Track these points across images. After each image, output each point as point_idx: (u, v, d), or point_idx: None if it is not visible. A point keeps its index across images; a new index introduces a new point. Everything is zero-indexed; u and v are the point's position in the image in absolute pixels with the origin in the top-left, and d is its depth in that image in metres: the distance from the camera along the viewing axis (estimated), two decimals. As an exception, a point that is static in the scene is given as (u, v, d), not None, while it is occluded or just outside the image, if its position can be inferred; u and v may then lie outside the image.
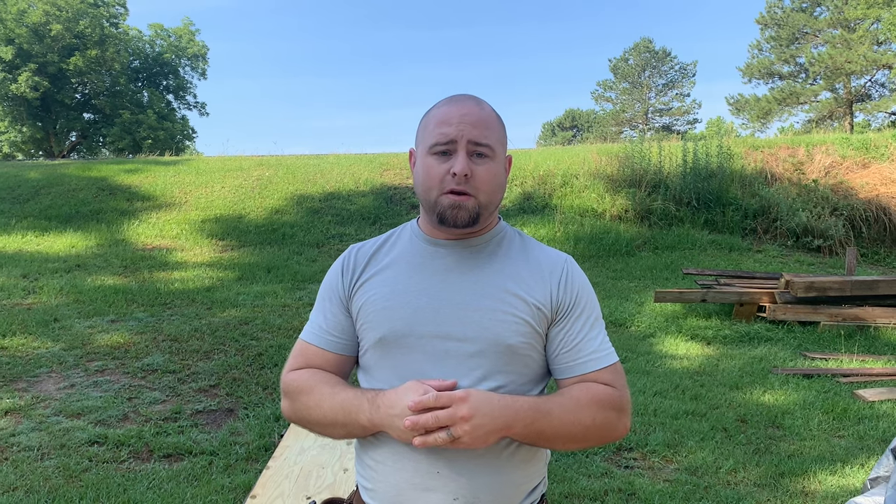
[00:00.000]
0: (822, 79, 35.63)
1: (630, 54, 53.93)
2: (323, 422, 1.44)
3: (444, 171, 1.40)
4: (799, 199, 12.94)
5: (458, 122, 1.40)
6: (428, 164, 1.42)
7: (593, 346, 1.47)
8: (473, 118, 1.41)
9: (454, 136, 1.39)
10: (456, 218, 1.40)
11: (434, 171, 1.41)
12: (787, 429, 4.94)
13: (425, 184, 1.43)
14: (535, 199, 13.73)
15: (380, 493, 1.43)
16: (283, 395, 1.51)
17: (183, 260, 10.88)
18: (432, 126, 1.43)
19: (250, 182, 14.98)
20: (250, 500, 2.85)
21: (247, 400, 5.33)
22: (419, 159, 1.46)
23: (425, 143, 1.44)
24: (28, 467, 4.07)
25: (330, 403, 1.42)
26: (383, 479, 1.42)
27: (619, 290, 9.54)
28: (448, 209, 1.40)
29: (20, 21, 31.15)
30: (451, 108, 1.43)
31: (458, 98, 1.46)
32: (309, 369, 1.50)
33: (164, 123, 35.51)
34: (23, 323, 6.99)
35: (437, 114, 1.44)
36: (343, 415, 1.40)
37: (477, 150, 1.40)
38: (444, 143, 1.40)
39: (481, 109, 1.44)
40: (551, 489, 3.90)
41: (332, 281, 1.54)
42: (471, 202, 1.40)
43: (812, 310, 7.80)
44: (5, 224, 12.50)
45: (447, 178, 1.39)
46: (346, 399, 1.40)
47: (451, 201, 1.39)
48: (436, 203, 1.41)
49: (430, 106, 1.51)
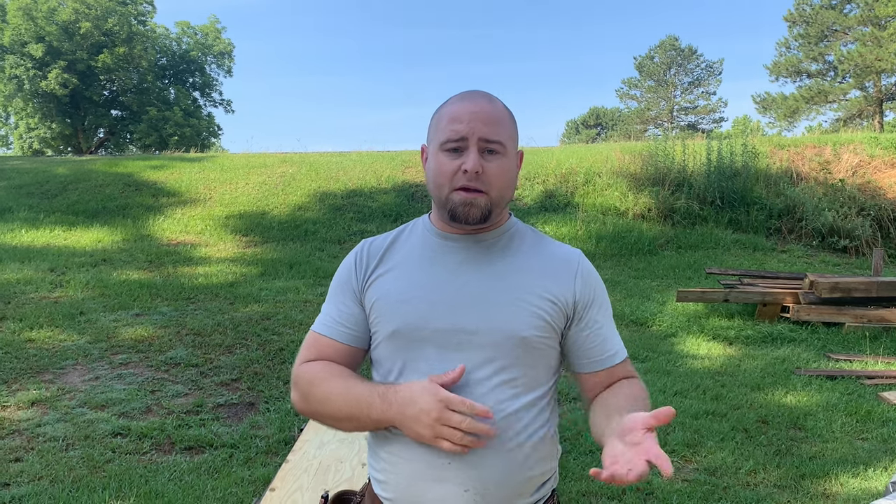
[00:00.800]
0: (851, 77, 35.10)
1: (655, 52, 53.51)
2: (335, 415, 1.44)
3: (456, 167, 1.40)
4: (825, 198, 12.77)
5: (470, 119, 1.40)
6: (440, 160, 1.43)
7: (616, 340, 1.54)
8: (485, 115, 1.41)
9: (465, 133, 1.40)
10: (468, 215, 1.41)
11: (445, 167, 1.41)
12: (809, 430, 4.89)
13: (437, 180, 1.44)
14: (557, 198, 13.68)
15: (392, 484, 1.44)
16: (293, 386, 1.51)
17: (207, 255, 10.99)
18: (444, 123, 1.43)
19: (274, 179, 15.09)
20: (269, 493, 2.88)
21: (267, 394, 5.38)
22: (431, 156, 1.47)
23: (437, 139, 1.44)
24: (53, 457, 4.15)
25: (341, 396, 1.42)
26: (395, 470, 1.43)
27: (641, 290, 9.48)
28: (460, 206, 1.41)
29: (50, 19, 31.63)
30: (462, 105, 1.43)
31: (469, 94, 1.47)
32: (321, 361, 1.50)
33: (190, 120, 35.87)
34: (50, 316, 7.11)
35: (448, 110, 1.45)
36: (354, 409, 1.41)
37: (488, 147, 1.41)
38: (455, 140, 1.40)
39: (492, 106, 1.44)
40: (568, 487, 3.90)
41: (346, 274, 1.56)
42: (482, 199, 1.41)
43: (837, 311, 7.70)
44: (34, 219, 12.71)
45: (459, 174, 1.40)
46: (357, 393, 1.41)
47: (463, 198, 1.40)
48: (447, 200, 1.42)
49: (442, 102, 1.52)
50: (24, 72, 31.90)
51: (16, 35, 31.54)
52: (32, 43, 31.50)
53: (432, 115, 1.51)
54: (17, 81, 32.49)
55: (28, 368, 5.70)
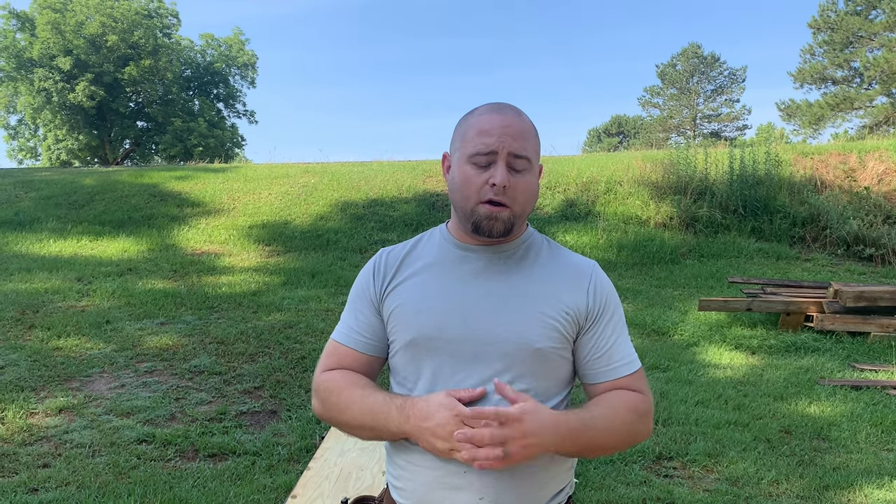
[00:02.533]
0: (877, 83, 34.71)
1: (678, 60, 53.28)
2: (352, 423, 1.48)
3: (483, 181, 1.42)
4: (850, 206, 12.62)
5: (500, 134, 1.42)
6: (467, 172, 1.44)
7: (623, 352, 1.52)
8: (514, 130, 1.43)
9: (495, 147, 1.41)
10: (491, 228, 1.43)
11: (473, 180, 1.43)
12: (833, 441, 4.84)
13: (463, 192, 1.45)
14: (578, 206, 13.66)
15: (408, 491, 1.47)
16: (314, 394, 1.55)
17: (230, 265, 11.11)
18: (472, 134, 1.45)
19: (296, 189, 15.22)
20: (291, 501, 2.92)
21: (290, 402, 5.43)
22: (457, 166, 1.47)
23: (464, 150, 1.45)
24: (80, 463, 4.22)
25: (359, 406, 1.45)
26: (412, 478, 1.46)
27: (663, 299, 9.44)
28: (485, 219, 1.43)
29: (78, 33, 32.21)
30: (492, 118, 1.44)
31: (498, 107, 1.48)
32: (340, 370, 1.53)
33: (214, 131, 36.28)
34: (77, 324, 7.23)
35: (477, 122, 1.46)
36: (371, 419, 1.44)
37: (516, 164, 1.43)
38: (484, 154, 1.42)
39: (521, 121, 1.46)
40: (588, 496, 3.90)
41: (364, 283, 1.58)
42: (506, 213, 1.43)
43: (862, 320, 7.61)
44: (62, 229, 12.93)
45: (486, 188, 1.42)
46: (374, 404, 1.43)
47: (489, 212, 1.42)
48: (472, 212, 1.44)
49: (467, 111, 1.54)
50: (52, 84, 32.49)
51: (44, 49, 32.16)
52: (60, 56, 32.10)
53: (458, 124, 1.52)
54: (45, 94, 33.09)
55: (56, 376, 5.81)
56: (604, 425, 1.42)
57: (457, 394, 1.37)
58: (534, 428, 1.33)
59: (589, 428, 1.41)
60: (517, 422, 1.31)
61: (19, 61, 32.96)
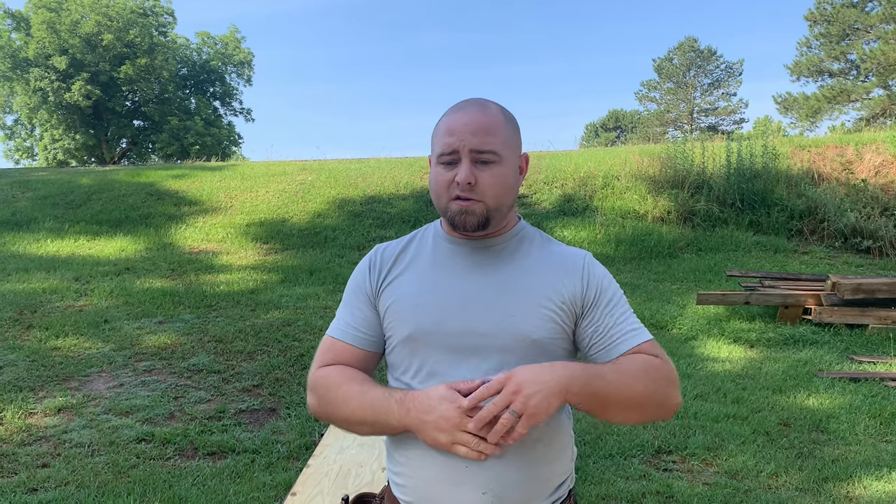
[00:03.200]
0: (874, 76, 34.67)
1: (674, 54, 53.24)
2: (350, 419, 1.47)
3: (450, 179, 1.45)
4: (847, 199, 12.63)
5: (461, 132, 1.43)
6: (437, 172, 1.48)
7: (627, 326, 1.50)
8: (475, 126, 1.44)
9: (456, 146, 1.43)
10: (465, 223, 1.45)
11: (441, 178, 1.46)
12: (831, 433, 4.84)
13: (435, 191, 1.49)
14: (576, 201, 13.66)
15: (410, 487, 1.47)
16: (310, 390, 1.54)
17: (228, 263, 11.10)
18: (440, 135, 1.48)
19: (293, 186, 15.20)
20: (291, 498, 2.92)
21: (289, 400, 5.43)
22: (431, 168, 1.52)
23: (434, 152, 1.50)
24: (79, 463, 4.22)
25: (358, 401, 1.45)
26: (413, 474, 1.46)
27: (661, 293, 9.44)
28: (457, 215, 1.45)
29: (73, 32, 32.14)
30: (455, 117, 1.47)
31: (462, 105, 1.50)
32: (337, 366, 1.53)
33: (211, 129, 36.24)
34: (75, 324, 7.23)
35: (444, 122, 1.48)
36: (371, 414, 1.43)
37: (480, 158, 1.44)
38: (448, 153, 1.44)
39: (485, 115, 1.46)
40: (588, 490, 3.90)
41: (360, 279, 1.59)
42: (478, 207, 1.44)
43: (860, 312, 7.62)
44: (59, 229, 12.91)
45: (453, 185, 1.44)
46: (374, 398, 1.43)
47: (459, 207, 1.44)
48: (446, 209, 1.47)
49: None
50: (48, 84, 32.42)
51: (40, 48, 32.08)
52: (56, 55, 32.02)
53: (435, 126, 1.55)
54: (41, 94, 33.02)
55: (54, 376, 5.80)
56: (614, 376, 1.39)
57: (456, 386, 1.37)
58: (528, 377, 1.31)
59: (596, 375, 1.37)
60: (508, 380, 1.31)
61: (15, 61, 32.87)
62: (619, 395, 1.39)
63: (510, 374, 1.32)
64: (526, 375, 1.32)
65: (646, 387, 1.41)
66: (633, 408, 1.43)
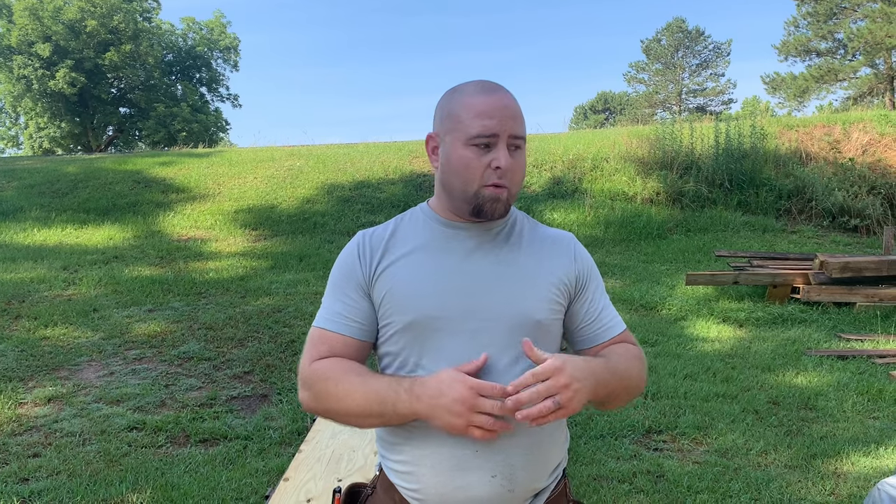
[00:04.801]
0: (861, 54, 34.69)
1: (662, 34, 53.10)
2: (354, 412, 1.42)
3: (485, 164, 1.41)
4: (835, 178, 12.69)
5: (501, 116, 1.41)
6: (466, 155, 1.42)
7: (610, 314, 1.58)
8: (512, 111, 1.43)
9: (497, 130, 1.40)
10: (494, 211, 1.44)
11: (475, 163, 1.41)
12: (819, 410, 4.89)
13: (464, 176, 1.43)
14: (565, 184, 13.66)
15: (416, 476, 1.44)
16: (303, 385, 1.49)
17: (217, 250, 11.06)
18: (471, 117, 1.42)
19: (282, 172, 15.13)
20: (283, 483, 2.92)
21: (280, 386, 5.43)
22: (454, 149, 1.44)
23: (462, 132, 1.42)
24: (70, 452, 4.21)
25: (363, 393, 1.40)
26: (420, 462, 1.44)
27: (651, 274, 9.48)
28: (488, 202, 1.43)
29: (56, 18, 31.72)
30: (489, 99, 1.42)
31: (491, 87, 1.46)
32: (332, 359, 1.48)
33: (197, 116, 35.93)
34: (64, 313, 7.19)
35: (472, 103, 1.43)
36: (378, 405, 1.39)
37: (514, 143, 1.43)
38: (486, 136, 1.40)
39: (515, 101, 1.46)
40: (579, 471, 3.93)
41: (349, 267, 1.53)
42: (506, 194, 1.44)
43: (847, 290, 7.68)
44: (46, 218, 12.81)
45: (489, 171, 1.41)
46: (380, 388, 1.39)
47: (493, 194, 1.42)
48: (476, 195, 1.43)
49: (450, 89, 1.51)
50: (32, 72, 32.02)
51: (23, 35, 31.66)
52: (39, 43, 31.61)
53: (443, 103, 1.49)
54: (25, 81, 32.62)
55: (44, 366, 5.78)
56: (622, 372, 1.46)
57: (463, 368, 1.36)
58: (576, 373, 1.32)
59: (612, 372, 1.43)
60: (560, 372, 1.30)
61: (-3, 49, 32.47)
62: (621, 388, 1.46)
63: (561, 366, 1.30)
64: (574, 371, 1.32)
65: (638, 376, 1.51)
66: (626, 396, 1.51)
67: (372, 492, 1.59)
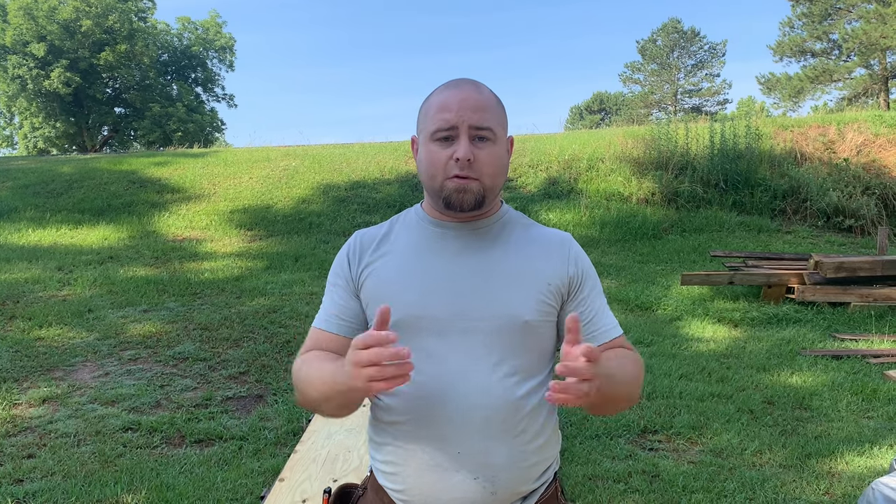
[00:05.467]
0: (856, 55, 34.78)
1: (658, 35, 53.18)
2: (318, 398, 1.39)
3: (447, 156, 1.41)
4: (829, 178, 12.72)
5: (459, 108, 1.41)
6: (431, 150, 1.44)
7: (607, 317, 1.54)
8: (473, 102, 1.42)
9: (455, 122, 1.40)
10: (462, 202, 1.42)
11: (437, 156, 1.42)
12: (814, 410, 4.91)
13: (429, 170, 1.45)
14: (561, 184, 13.67)
15: (401, 476, 1.45)
16: (293, 381, 1.51)
17: (212, 250, 11.04)
18: (433, 112, 1.44)
19: (277, 172, 15.11)
20: (279, 483, 2.93)
21: (275, 386, 5.42)
22: (422, 146, 1.47)
23: (427, 129, 1.45)
24: (65, 453, 4.20)
25: (319, 377, 1.38)
26: (403, 462, 1.44)
27: (646, 274, 9.49)
28: (454, 193, 1.42)
29: (51, 18, 31.61)
30: (450, 94, 1.44)
31: (456, 83, 1.47)
32: (311, 352, 1.49)
33: (193, 116, 35.84)
34: (58, 314, 7.17)
35: (436, 100, 1.45)
36: (331, 386, 1.33)
37: (479, 134, 1.42)
38: (445, 129, 1.41)
39: (480, 93, 1.45)
40: (574, 471, 3.93)
41: (340, 266, 1.56)
42: (475, 185, 1.42)
43: (842, 290, 7.70)
44: (40, 218, 12.77)
45: (451, 163, 1.41)
46: (332, 369, 1.34)
47: (457, 185, 1.41)
48: (441, 188, 1.43)
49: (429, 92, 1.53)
50: (26, 71, 31.91)
51: (17, 35, 31.55)
52: (34, 42, 31.50)
53: (420, 106, 1.52)
54: (20, 81, 32.51)
55: (38, 366, 5.76)
56: (621, 377, 1.40)
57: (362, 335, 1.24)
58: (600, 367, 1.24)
59: (612, 376, 1.35)
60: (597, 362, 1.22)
61: (-8, 48, 32.37)
62: (618, 393, 1.41)
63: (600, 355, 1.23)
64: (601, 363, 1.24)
65: (635, 380, 1.47)
66: (623, 402, 1.47)
67: (363, 492, 1.59)
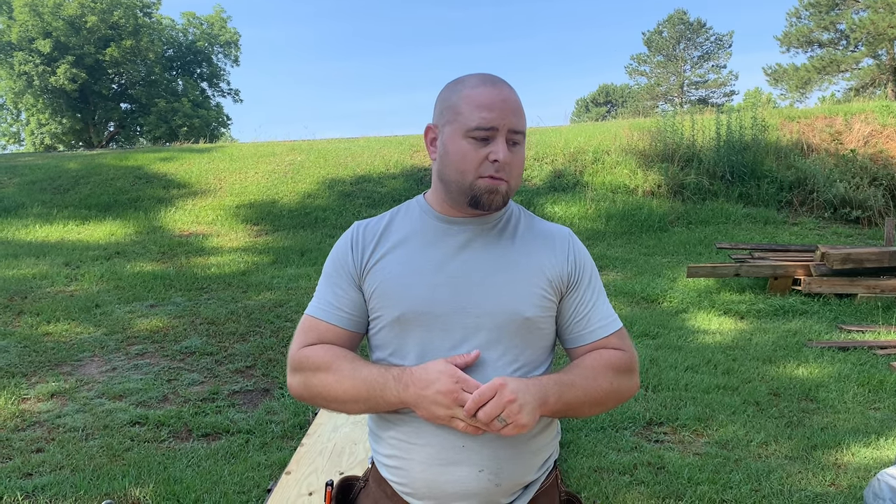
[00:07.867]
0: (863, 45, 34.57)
1: (664, 26, 52.93)
2: (342, 398, 1.44)
3: (483, 156, 1.41)
4: (836, 169, 12.66)
5: (501, 109, 1.41)
6: (464, 147, 1.42)
7: (601, 314, 1.54)
8: (512, 105, 1.43)
9: (496, 124, 1.40)
10: (491, 202, 1.44)
11: (471, 155, 1.42)
12: (820, 402, 4.90)
13: (460, 167, 1.43)
14: (566, 177, 13.64)
15: (404, 469, 1.45)
16: (292, 370, 1.51)
17: (218, 245, 11.07)
18: (469, 108, 1.42)
19: (283, 167, 15.13)
20: (285, 477, 2.94)
21: (282, 380, 5.44)
22: (452, 140, 1.44)
23: (461, 124, 1.42)
24: (74, 447, 4.23)
25: (351, 379, 1.42)
26: (407, 455, 1.45)
27: (652, 266, 9.48)
28: (485, 193, 1.43)
29: (56, 14, 31.66)
30: (489, 92, 1.43)
31: (492, 80, 1.46)
32: (324, 345, 1.50)
33: (198, 111, 35.87)
34: (66, 309, 7.21)
35: (473, 95, 1.43)
36: (366, 391, 1.40)
37: (514, 139, 1.43)
38: (485, 129, 1.40)
39: (516, 96, 1.46)
40: (580, 463, 3.94)
41: (341, 257, 1.54)
42: (504, 186, 1.44)
43: (849, 282, 7.67)
44: (47, 214, 12.83)
45: (486, 163, 1.41)
46: (369, 375, 1.41)
47: (489, 185, 1.42)
48: (471, 186, 1.43)
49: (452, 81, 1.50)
50: (32, 68, 31.99)
51: (23, 31, 31.61)
52: (40, 39, 31.56)
53: (444, 95, 1.49)
54: (26, 78, 32.59)
55: (46, 361, 5.80)
56: (582, 382, 1.44)
57: (453, 360, 1.38)
58: (518, 389, 1.33)
59: (568, 385, 1.42)
60: (503, 387, 1.32)
61: (-3, 45, 32.44)
62: (586, 398, 1.45)
63: (503, 382, 1.32)
64: (517, 386, 1.34)
65: (610, 384, 1.48)
66: (598, 405, 1.50)
67: (365, 485, 1.60)
